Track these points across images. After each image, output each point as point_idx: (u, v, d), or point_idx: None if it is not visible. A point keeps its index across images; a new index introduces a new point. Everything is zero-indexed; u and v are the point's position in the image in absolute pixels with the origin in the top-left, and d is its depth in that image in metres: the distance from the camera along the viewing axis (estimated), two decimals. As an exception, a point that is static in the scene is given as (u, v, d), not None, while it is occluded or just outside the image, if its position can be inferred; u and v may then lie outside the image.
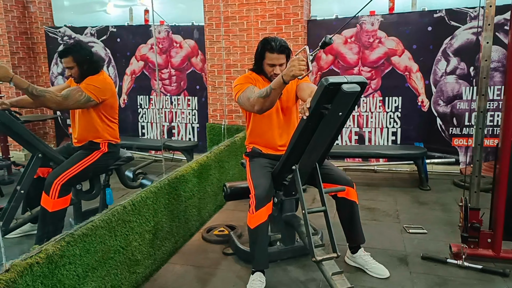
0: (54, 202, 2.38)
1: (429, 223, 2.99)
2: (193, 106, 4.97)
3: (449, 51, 4.01)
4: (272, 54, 2.21)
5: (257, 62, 2.32)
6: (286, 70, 1.87)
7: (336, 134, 2.03)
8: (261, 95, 1.98)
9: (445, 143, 4.18)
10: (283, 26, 4.19)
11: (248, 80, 2.27)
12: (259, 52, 2.28)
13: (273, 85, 1.93)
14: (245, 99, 2.12)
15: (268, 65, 2.26)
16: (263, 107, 2.03)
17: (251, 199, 2.15)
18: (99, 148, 2.65)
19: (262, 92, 1.98)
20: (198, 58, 4.81)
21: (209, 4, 4.31)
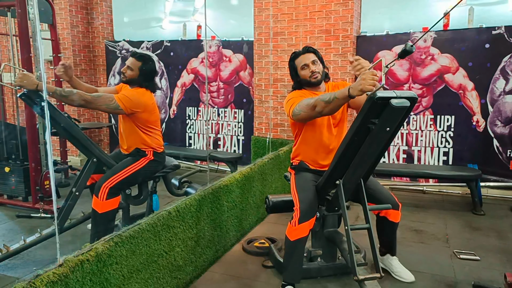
0: (103, 204, 2.50)
1: (483, 250, 2.81)
2: (239, 119, 5.06)
3: (508, 69, 3.80)
4: (299, 58, 2.27)
5: (294, 78, 2.35)
6: (355, 83, 1.72)
7: (383, 150, 1.98)
8: (324, 99, 1.91)
9: (502, 166, 3.93)
10: (332, 42, 4.19)
11: (299, 94, 2.27)
12: (290, 67, 2.34)
13: (337, 94, 1.84)
14: (303, 105, 2.05)
15: (302, 69, 2.26)
16: (323, 111, 1.96)
17: (295, 212, 2.15)
18: (145, 155, 2.76)
19: (325, 97, 1.91)
20: (246, 72, 4.91)
21: (259, 20, 4.41)
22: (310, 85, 2.28)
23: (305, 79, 2.27)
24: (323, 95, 1.94)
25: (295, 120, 2.17)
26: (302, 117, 2.11)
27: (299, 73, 2.28)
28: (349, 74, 4.21)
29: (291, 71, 2.34)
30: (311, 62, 2.24)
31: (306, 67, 2.25)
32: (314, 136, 2.31)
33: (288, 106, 2.18)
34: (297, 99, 2.15)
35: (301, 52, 2.28)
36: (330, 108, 1.91)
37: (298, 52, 2.30)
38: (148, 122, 2.74)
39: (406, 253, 2.76)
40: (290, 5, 4.25)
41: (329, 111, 1.96)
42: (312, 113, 2.01)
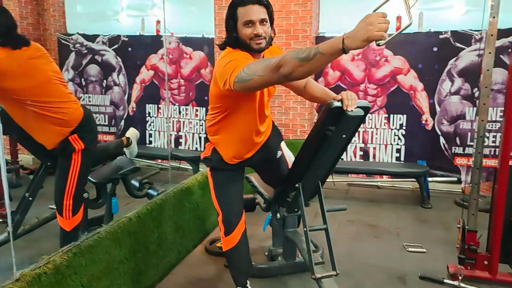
0: (70, 221, 2.35)
1: (429, 242, 3.02)
2: (201, 117, 5.05)
3: (453, 71, 4.06)
4: (245, 7, 1.64)
5: (230, 31, 1.70)
6: (354, 30, 1.21)
7: (340, 154, 2.08)
8: (298, 56, 1.32)
9: (448, 161, 4.21)
10: (292, 42, 4.26)
11: (243, 56, 1.64)
12: (228, 15, 1.70)
13: (323, 47, 1.27)
14: (259, 67, 1.45)
15: (244, 26, 1.65)
16: (294, 73, 1.35)
17: (219, 223, 2.04)
18: (74, 149, 2.24)
19: (300, 53, 1.32)
20: (207, 70, 4.90)
21: (220, 18, 4.40)
22: (248, 49, 1.69)
23: (243, 40, 1.68)
24: (297, 51, 1.34)
25: (238, 88, 1.51)
26: (251, 85, 1.47)
27: (239, 29, 1.67)
28: (308, 74, 4.31)
29: (228, 21, 1.71)
30: (259, 21, 1.66)
31: (250, 25, 1.66)
32: (246, 119, 1.83)
33: (229, 68, 1.52)
34: (242, 61, 1.54)
35: (249, 0, 1.65)
36: (307, 69, 1.33)
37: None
38: (36, 95, 2.06)
39: (362, 248, 2.92)
40: (250, 4, 4.26)
41: (303, 74, 1.37)
42: (273, 77, 1.40)
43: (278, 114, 4.48)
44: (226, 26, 1.75)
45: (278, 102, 4.43)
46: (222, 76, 1.58)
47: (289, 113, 4.46)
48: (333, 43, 1.26)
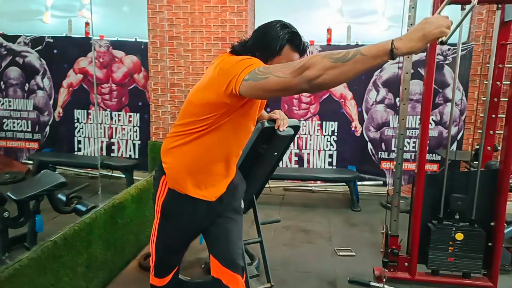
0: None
1: (358, 245, 3.21)
2: (135, 123, 4.88)
3: (378, 82, 4.35)
4: (294, 53, 1.46)
5: (266, 51, 1.43)
6: (407, 33, 1.06)
7: (272, 170, 2.14)
8: (333, 56, 1.08)
9: (375, 166, 4.51)
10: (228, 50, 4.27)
11: (258, 61, 1.34)
12: (278, 44, 1.43)
13: (365, 49, 1.06)
14: (277, 67, 1.20)
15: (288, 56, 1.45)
16: (322, 76, 1.09)
17: (150, 262, 1.69)
18: None
19: (334, 53, 1.09)
20: (141, 75, 4.75)
21: (153, 23, 4.29)
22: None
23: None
24: (333, 52, 1.10)
25: (244, 89, 1.24)
26: (263, 86, 1.20)
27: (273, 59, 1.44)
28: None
29: (270, 45, 1.43)
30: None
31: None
32: (231, 138, 1.51)
33: (242, 65, 1.26)
34: (260, 63, 1.30)
35: (302, 50, 1.48)
36: (339, 73, 1.08)
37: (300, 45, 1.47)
38: None
39: (296, 254, 3.02)
40: (185, 10, 4.21)
41: (332, 79, 1.09)
42: (293, 80, 1.14)
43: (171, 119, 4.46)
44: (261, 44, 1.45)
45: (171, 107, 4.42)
46: (229, 73, 1.27)
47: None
48: (378, 45, 1.06)
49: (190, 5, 4.19)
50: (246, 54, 1.40)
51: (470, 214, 2.38)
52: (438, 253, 2.45)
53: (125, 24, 4.94)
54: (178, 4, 4.19)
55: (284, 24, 1.47)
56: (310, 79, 1.10)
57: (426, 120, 2.46)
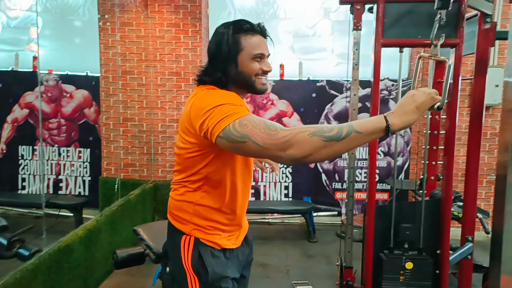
0: None
1: (315, 277, 3.23)
2: (85, 158, 4.70)
3: (330, 115, 4.54)
4: (255, 36, 1.28)
5: (224, 63, 1.26)
6: (397, 107, 1.05)
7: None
8: (325, 134, 1.02)
9: (330, 196, 4.61)
10: (183, 84, 4.30)
11: (239, 101, 1.21)
12: (226, 42, 1.26)
13: (360, 126, 1.03)
14: (256, 128, 1.07)
15: (252, 59, 1.27)
16: (312, 156, 1.04)
17: None
18: None
19: (325, 130, 1.03)
20: (92, 109, 4.63)
21: (105, 58, 4.24)
22: (247, 88, 1.31)
23: (247, 76, 1.27)
24: (312, 126, 1.05)
25: (220, 144, 1.13)
26: (241, 149, 1.11)
27: (242, 62, 1.26)
28: (200, 116, 4.38)
29: (223, 50, 1.26)
30: (269, 55, 1.32)
31: (260, 59, 1.29)
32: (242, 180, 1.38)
33: (218, 113, 1.12)
34: (238, 109, 1.13)
35: (259, 30, 1.30)
36: (332, 152, 1.04)
37: (255, 27, 1.29)
38: None
39: (253, 291, 2.97)
40: (139, 46, 4.22)
41: (324, 158, 1.05)
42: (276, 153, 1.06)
43: (170, 156, 4.42)
44: (219, 56, 1.27)
45: (170, 143, 4.38)
46: (201, 115, 1.15)
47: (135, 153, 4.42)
48: (373, 121, 1.04)
49: (144, 40, 4.20)
50: (214, 77, 1.28)
51: (418, 243, 2.48)
52: (391, 283, 2.51)
53: (76, 58, 4.84)
54: (132, 39, 4.19)
55: (224, 22, 1.34)
56: (296, 159, 1.04)
57: (373, 153, 2.58)
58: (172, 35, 4.20)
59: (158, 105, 4.33)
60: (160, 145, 4.39)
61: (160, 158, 4.41)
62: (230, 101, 1.16)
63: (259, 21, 1.34)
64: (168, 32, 4.20)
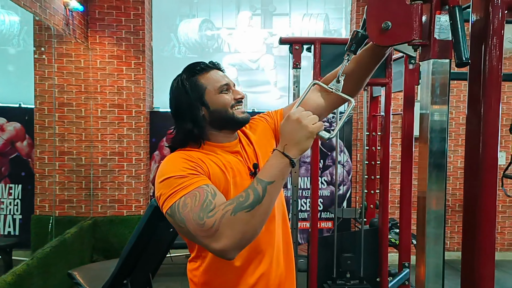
0: None
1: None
2: (16, 195, 4.35)
3: (275, 146, 4.64)
4: (210, 72, 1.20)
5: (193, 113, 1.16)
6: (286, 137, 1.00)
7: (169, 246, 2.07)
8: (244, 205, 0.95)
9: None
10: (125, 116, 4.20)
11: (190, 165, 1.08)
12: (191, 90, 1.16)
13: (266, 175, 0.98)
14: (193, 212, 0.98)
15: (219, 93, 1.17)
16: (246, 235, 0.96)
17: None
18: None
19: (242, 201, 0.96)
20: (24, 143, 4.34)
21: (41, 89, 4.04)
22: (230, 124, 1.19)
23: (224, 111, 1.16)
24: (238, 198, 0.97)
25: (171, 222, 1.06)
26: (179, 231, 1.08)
27: (211, 100, 1.16)
28: (144, 148, 4.28)
29: (185, 98, 1.16)
30: (234, 84, 1.23)
31: (228, 90, 1.19)
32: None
33: (166, 193, 1.04)
34: (190, 180, 1.03)
35: (211, 65, 1.22)
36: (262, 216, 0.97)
37: (205, 64, 1.22)
38: None
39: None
40: (78, 77, 4.08)
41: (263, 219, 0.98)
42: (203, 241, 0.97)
43: (111, 190, 4.24)
44: (179, 110, 1.18)
45: (111, 177, 4.21)
46: (156, 186, 1.09)
47: (123, 188, 4.26)
48: (275, 164, 0.99)
49: (84, 72, 4.08)
50: (179, 140, 1.17)
51: (359, 272, 2.57)
52: (336, 313, 2.55)
53: (8, 89, 4.56)
54: (70, 70, 4.05)
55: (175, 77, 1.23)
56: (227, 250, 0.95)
57: (315, 183, 2.66)
58: (114, 67, 4.13)
59: (99, 137, 4.17)
60: (100, 179, 4.20)
61: (100, 193, 4.21)
62: (180, 172, 1.05)
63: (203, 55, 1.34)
64: (110, 64, 4.12)
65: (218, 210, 0.96)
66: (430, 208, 1.22)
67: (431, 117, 1.15)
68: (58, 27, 3.52)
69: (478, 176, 1.23)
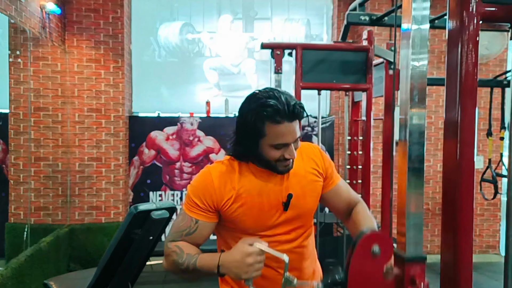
0: None
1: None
2: (-12, 205, 4.20)
3: (257, 151, 4.62)
4: (280, 125, 1.14)
5: (246, 141, 1.19)
6: (230, 261, 1.09)
7: (148, 255, 2.02)
8: (179, 265, 1.18)
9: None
10: (103, 121, 4.11)
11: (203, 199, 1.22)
12: (251, 125, 1.15)
13: (201, 262, 1.15)
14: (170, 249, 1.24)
15: (271, 146, 1.17)
16: (178, 275, 1.25)
17: None
18: None
19: (180, 260, 1.17)
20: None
21: (16, 93, 3.92)
22: (270, 169, 1.23)
23: (268, 160, 1.20)
24: (181, 256, 1.18)
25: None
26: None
27: (263, 148, 1.18)
28: (123, 153, 4.20)
29: (246, 130, 1.17)
30: (295, 140, 1.20)
31: (284, 148, 1.18)
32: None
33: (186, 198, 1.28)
34: (185, 209, 1.25)
35: (287, 114, 1.13)
36: (185, 277, 1.25)
37: (282, 112, 1.13)
38: None
39: None
40: (55, 81, 3.98)
41: (184, 277, 1.26)
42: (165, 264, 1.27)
43: (89, 196, 4.14)
44: (239, 131, 1.21)
45: (88, 183, 4.11)
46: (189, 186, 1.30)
47: (101, 194, 4.16)
48: (210, 264, 1.14)
49: (61, 75, 3.99)
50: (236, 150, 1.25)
51: (342, 276, 2.56)
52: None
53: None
54: (47, 74, 3.95)
55: (250, 96, 1.20)
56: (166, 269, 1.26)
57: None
58: (92, 70, 4.05)
59: (76, 143, 4.08)
60: (78, 185, 4.10)
61: (77, 199, 4.10)
62: (195, 198, 1.23)
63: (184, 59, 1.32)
64: (88, 68, 4.04)
65: (173, 246, 1.22)
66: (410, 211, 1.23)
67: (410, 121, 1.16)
68: (34, 30, 3.43)
69: (456, 180, 1.24)
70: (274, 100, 1.14)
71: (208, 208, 1.22)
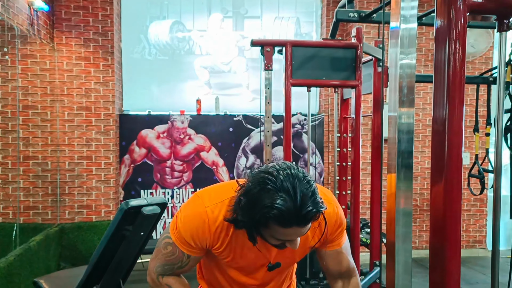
0: None
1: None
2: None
3: (247, 149, 4.64)
4: (287, 229, 1.04)
5: (248, 221, 1.07)
6: None
7: (140, 251, 2.02)
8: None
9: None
10: (93, 119, 4.09)
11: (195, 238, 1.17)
12: (254, 217, 1.04)
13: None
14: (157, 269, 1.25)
15: (273, 237, 1.08)
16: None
17: None
18: None
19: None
20: (-15, 148, 4.14)
21: (4, 92, 3.87)
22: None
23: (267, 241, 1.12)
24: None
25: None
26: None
27: (265, 235, 1.08)
28: (114, 152, 4.17)
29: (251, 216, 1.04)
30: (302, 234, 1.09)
31: (284, 243, 1.11)
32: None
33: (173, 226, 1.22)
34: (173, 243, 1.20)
35: (298, 219, 1.01)
36: None
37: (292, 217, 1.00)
38: None
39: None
40: (43, 79, 3.94)
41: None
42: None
43: (79, 195, 4.11)
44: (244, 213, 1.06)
45: (79, 182, 4.08)
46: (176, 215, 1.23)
47: (91, 193, 4.14)
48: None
49: (50, 73, 3.95)
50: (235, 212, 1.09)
51: (332, 271, 2.60)
52: (309, 313, 2.57)
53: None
54: (35, 72, 3.91)
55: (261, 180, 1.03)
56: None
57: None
58: (82, 68, 4.01)
59: (66, 141, 4.04)
60: (68, 184, 4.07)
61: (67, 198, 4.07)
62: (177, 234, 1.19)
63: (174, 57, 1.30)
64: (77, 66, 4.01)
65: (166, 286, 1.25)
66: (399, 207, 1.26)
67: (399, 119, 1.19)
68: (22, 27, 3.39)
69: (444, 176, 1.27)
70: (287, 196, 0.99)
71: (201, 248, 1.19)
